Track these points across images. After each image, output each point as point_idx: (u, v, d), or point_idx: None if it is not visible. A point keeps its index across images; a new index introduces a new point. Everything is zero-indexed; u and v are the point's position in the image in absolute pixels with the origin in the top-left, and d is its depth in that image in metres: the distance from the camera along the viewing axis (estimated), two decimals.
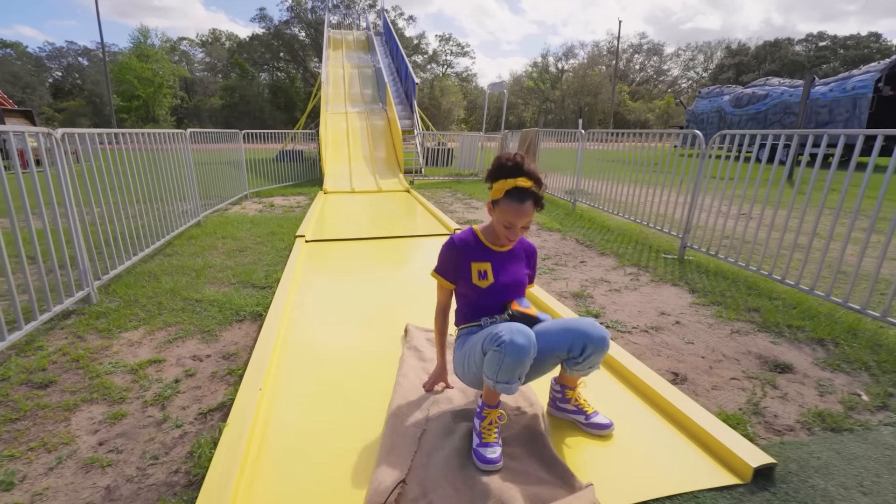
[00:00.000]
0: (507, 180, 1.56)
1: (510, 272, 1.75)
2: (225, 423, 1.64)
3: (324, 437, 1.62)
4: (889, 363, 2.18)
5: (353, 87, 14.46)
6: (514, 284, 1.74)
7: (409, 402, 1.78)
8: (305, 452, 1.54)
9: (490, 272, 1.71)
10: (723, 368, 2.16)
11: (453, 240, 1.75)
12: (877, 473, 1.46)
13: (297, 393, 1.91)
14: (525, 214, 1.57)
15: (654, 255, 4.10)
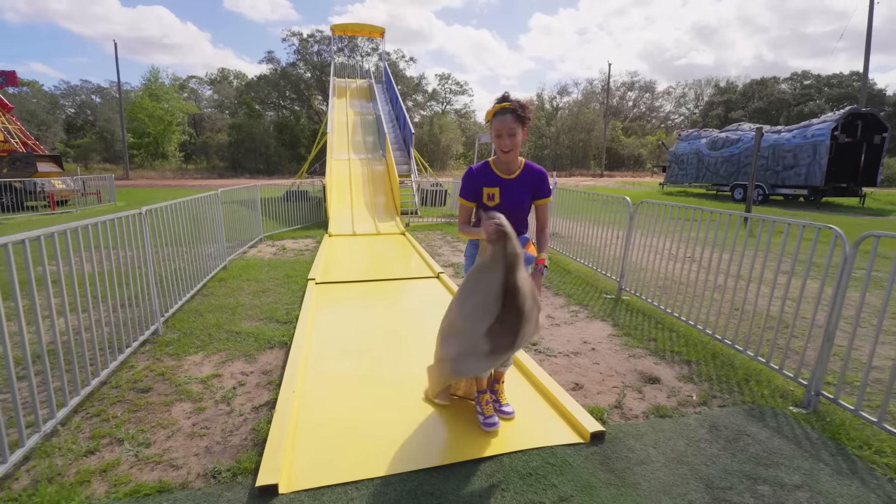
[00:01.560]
0: (495, 106, 2.13)
1: (514, 197, 2.22)
2: (273, 411, 2.60)
3: (337, 418, 2.57)
4: (727, 377, 3.13)
5: (356, 134, 15.78)
6: (517, 206, 2.22)
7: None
8: (326, 426, 2.49)
9: (497, 195, 2.22)
10: (611, 380, 3.11)
11: (471, 169, 2.28)
12: (669, 437, 2.41)
13: (318, 393, 2.86)
14: (506, 123, 2.08)
15: (598, 295, 5.08)
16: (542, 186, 2.28)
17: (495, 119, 2.10)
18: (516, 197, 2.22)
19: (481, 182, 2.23)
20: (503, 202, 2.20)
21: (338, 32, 22.46)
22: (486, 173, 2.24)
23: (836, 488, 2.05)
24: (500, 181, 2.22)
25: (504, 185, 2.22)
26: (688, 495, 2.00)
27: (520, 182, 2.23)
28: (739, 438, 2.42)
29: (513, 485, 2.04)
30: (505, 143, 2.10)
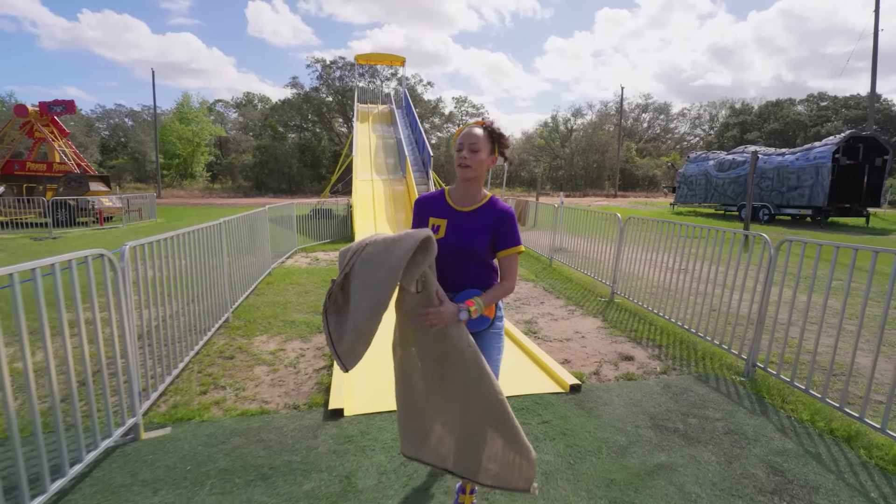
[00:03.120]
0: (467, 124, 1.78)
1: (463, 234, 1.73)
2: (332, 368, 3.45)
3: (375, 372, 3.40)
4: (688, 356, 3.87)
5: (378, 156, 16.91)
6: (464, 248, 1.72)
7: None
8: (367, 376, 3.32)
9: (443, 228, 1.75)
10: (594, 358, 3.88)
11: (420, 196, 1.88)
12: (631, 392, 3.18)
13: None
14: (470, 133, 1.70)
15: (594, 298, 5.85)
16: (506, 230, 1.74)
17: (461, 135, 1.73)
18: (467, 234, 1.73)
19: (429, 211, 1.81)
20: (448, 237, 1.72)
21: (361, 62, 23.92)
22: (437, 202, 1.82)
23: (746, 420, 2.80)
24: (450, 212, 1.77)
25: (454, 217, 1.76)
26: (636, 422, 2.77)
27: (476, 218, 1.75)
28: (684, 393, 3.18)
29: (515, 410, 2.84)
30: (464, 156, 1.69)
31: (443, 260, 1.70)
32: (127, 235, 12.56)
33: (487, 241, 1.74)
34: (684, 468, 2.34)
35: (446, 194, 1.82)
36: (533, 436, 2.61)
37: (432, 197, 1.85)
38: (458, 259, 1.74)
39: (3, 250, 9.68)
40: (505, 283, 1.78)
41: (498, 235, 1.75)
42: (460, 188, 1.79)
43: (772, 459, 2.42)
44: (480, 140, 1.70)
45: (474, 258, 1.75)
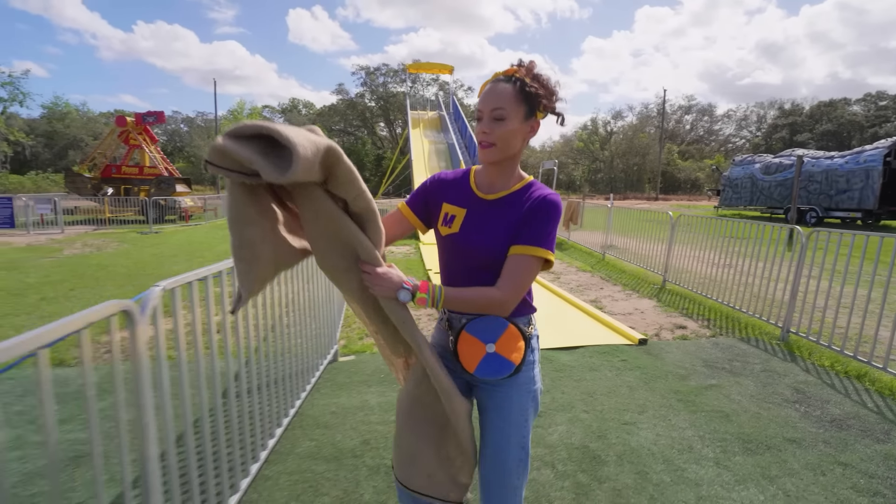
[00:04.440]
0: (494, 75, 1.20)
1: (487, 230, 1.23)
2: None
3: None
4: (733, 326, 4.74)
5: (432, 160, 18.12)
6: (486, 246, 1.22)
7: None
8: None
9: (459, 220, 1.26)
10: (653, 327, 4.80)
11: (439, 173, 1.38)
12: (686, 346, 4.10)
13: None
14: (494, 96, 1.15)
15: (648, 285, 6.73)
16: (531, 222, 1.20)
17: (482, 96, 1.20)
18: (490, 230, 1.23)
19: (446, 194, 1.32)
20: (463, 234, 1.26)
21: (412, 71, 25.29)
22: (459, 184, 1.32)
23: (779, 365, 3.69)
24: (471, 199, 1.28)
25: (476, 207, 1.27)
26: (692, 363, 3.71)
27: (502, 210, 1.24)
28: (730, 348, 4.08)
29: (594, 356, 3.83)
30: (483, 128, 1.18)
31: (459, 264, 1.28)
32: (213, 231, 14.23)
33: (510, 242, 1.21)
34: (729, 387, 3.27)
35: (471, 176, 1.32)
36: (616, 368, 3.59)
37: (455, 177, 1.34)
38: (469, 266, 1.25)
39: (125, 242, 11.39)
40: (494, 289, 1.18)
41: (521, 225, 1.20)
42: (486, 170, 1.26)
43: (796, 385, 3.32)
44: (509, 101, 1.14)
45: (491, 267, 1.22)
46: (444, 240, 1.31)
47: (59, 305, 5.32)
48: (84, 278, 6.89)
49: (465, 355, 1.22)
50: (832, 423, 2.79)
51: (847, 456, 2.44)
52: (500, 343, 1.21)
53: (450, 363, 1.29)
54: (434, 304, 1.15)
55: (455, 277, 1.30)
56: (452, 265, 1.31)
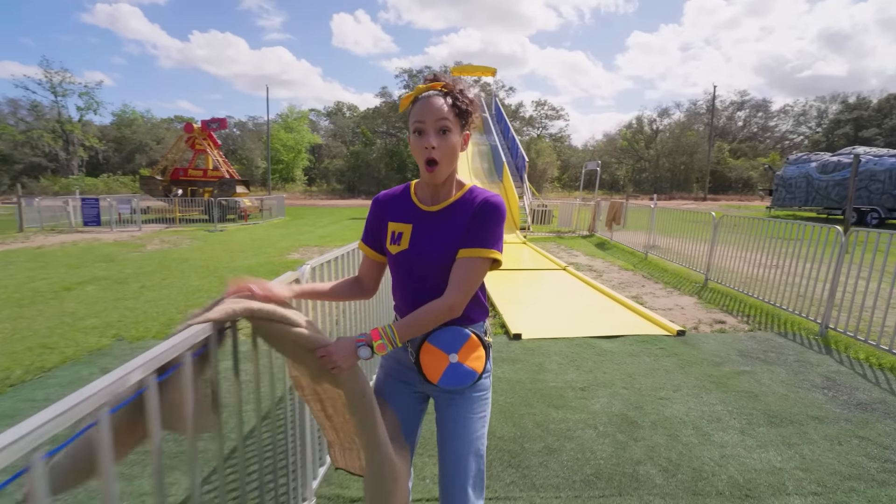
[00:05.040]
0: (418, 87, 1.21)
1: (435, 240, 1.24)
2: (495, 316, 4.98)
3: (531, 314, 4.87)
4: (772, 321, 4.93)
5: (475, 162, 18.56)
6: (437, 256, 1.23)
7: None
8: (528, 316, 4.81)
9: (406, 236, 1.27)
10: (693, 321, 5.06)
11: (378, 195, 1.38)
12: (724, 338, 4.37)
13: (522, 323, 5.20)
14: (434, 109, 1.15)
15: (690, 283, 6.92)
16: (477, 224, 1.23)
17: (415, 105, 1.20)
18: (436, 241, 1.25)
19: (390, 214, 1.34)
20: (413, 248, 1.27)
21: (456, 73, 25.73)
22: (401, 201, 1.34)
23: (813, 356, 3.91)
24: (415, 214, 1.30)
25: (420, 221, 1.28)
26: (727, 352, 3.99)
27: (448, 217, 1.26)
28: (767, 341, 4.32)
29: (634, 344, 4.17)
30: (429, 142, 1.17)
31: (411, 279, 1.29)
32: (271, 230, 15.25)
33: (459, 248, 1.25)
34: (761, 374, 3.55)
35: (412, 191, 1.34)
36: (654, 354, 3.93)
37: (394, 195, 1.36)
38: (427, 280, 1.26)
39: (196, 239, 12.51)
40: (438, 301, 1.20)
41: (468, 228, 1.23)
42: (426, 179, 1.26)
43: (827, 374, 3.55)
44: (449, 113, 1.18)
45: (445, 277, 1.24)
46: (396, 258, 1.30)
47: (157, 292, 6.15)
48: (171, 269, 7.81)
49: (428, 366, 1.25)
50: (857, 405, 3.05)
51: (866, 431, 2.71)
52: (461, 353, 1.26)
53: (407, 376, 1.37)
54: (393, 345, 1.16)
55: (410, 295, 1.29)
56: (406, 283, 1.30)
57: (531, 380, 3.41)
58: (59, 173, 46.34)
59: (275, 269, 7.84)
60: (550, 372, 3.57)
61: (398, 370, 1.39)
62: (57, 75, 45.93)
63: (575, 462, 2.40)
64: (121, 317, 4.99)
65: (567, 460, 2.41)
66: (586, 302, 5.79)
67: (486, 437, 1.36)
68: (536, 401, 3.07)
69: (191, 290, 6.22)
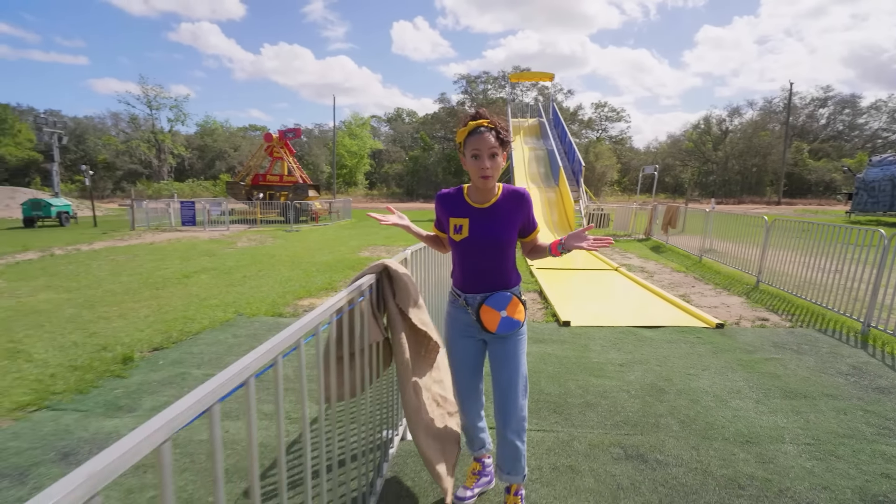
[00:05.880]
0: (469, 124, 1.73)
1: (489, 230, 1.79)
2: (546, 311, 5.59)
3: (578, 304, 5.43)
4: (816, 320, 5.17)
5: (531, 167, 19.04)
6: (493, 243, 1.79)
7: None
8: (578, 306, 5.38)
9: (466, 227, 1.80)
10: (735, 317, 5.39)
11: (439, 193, 1.92)
12: (763, 332, 4.72)
13: (574, 314, 5.78)
14: (487, 142, 1.69)
15: (740, 285, 7.13)
16: (528, 214, 1.86)
17: (472, 137, 1.72)
18: (490, 229, 1.80)
19: (449, 210, 1.86)
20: (473, 236, 1.81)
21: (513, 80, 26.35)
22: (457, 201, 1.87)
23: (847, 350, 4.21)
24: (470, 211, 1.83)
25: (475, 215, 1.82)
26: (761, 343, 4.37)
27: (496, 212, 1.82)
28: (805, 336, 4.62)
29: (673, 333, 4.63)
30: (485, 165, 1.71)
31: (470, 259, 1.83)
32: (340, 231, 16.56)
33: (516, 227, 1.84)
34: (789, 361, 3.93)
35: (464, 193, 1.87)
36: (690, 342, 4.40)
37: (452, 195, 1.89)
38: (486, 256, 1.81)
39: (277, 238, 13.96)
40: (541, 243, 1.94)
41: (527, 220, 1.86)
42: (480, 186, 1.80)
43: (856, 364, 3.87)
44: (496, 144, 1.72)
45: (504, 252, 1.83)
46: (459, 244, 1.84)
47: (257, 281, 7.29)
48: (262, 263, 9.04)
49: (487, 321, 1.84)
50: (876, 389, 3.40)
51: (875, 407, 3.10)
52: (508, 309, 1.84)
53: (469, 331, 1.93)
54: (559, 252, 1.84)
55: (469, 269, 1.86)
56: (467, 261, 1.85)
57: (577, 356, 4.02)
58: (152, 179, 51.54)
59: (350, 263, 8.86)
60: (594, 351, 4.15)
61: (463, 328, 1.94)
62: (152, 90, 51.24)
63: (607, 413, 3.01)
64: (235, 298, 6.09)
65: (601, 411, 3.03)
66: (633, 298, 6.24)
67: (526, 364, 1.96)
68: (580, 371, 3.69)
69: (283, 280, 7.31)
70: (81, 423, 2.85)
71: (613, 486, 2.26)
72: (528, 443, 2.59)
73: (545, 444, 2.64)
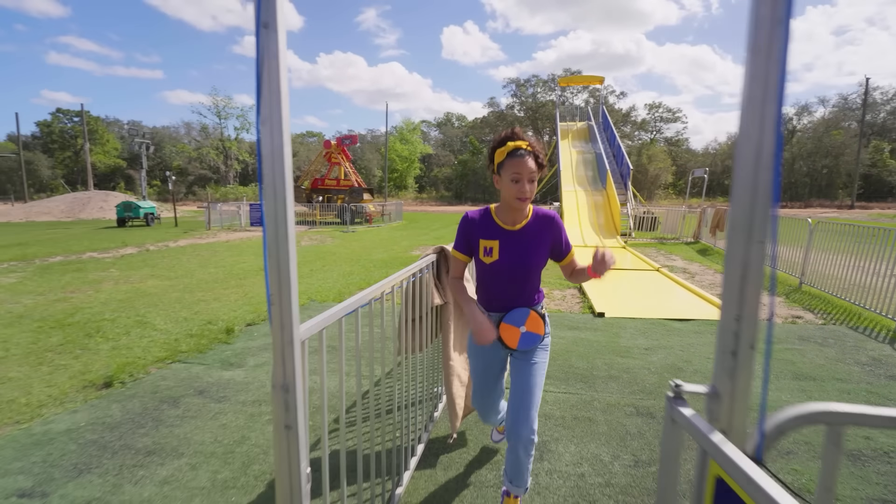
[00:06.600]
0: (507, 144, 1.68)
1: (519, 253, 1.76)
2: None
3: (614, 295, 5.86)
4: (851, 319, 5.33)
5: (579, 170, 19.23)
6: (520, 265, 1.76)
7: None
8: (615, 294, 5.81)
9: (496, 250, 1.77)
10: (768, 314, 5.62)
11: (467, 215, 1.84)
12: (790, 327, 4.98)
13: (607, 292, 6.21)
14: (528, 167, 1.66)
15: (782, 286, 7.24)
16: (559, 237, 1.82)
17: (511, 159, 1.67)
18: (521, 253, 1.78)
19: (479, 233, 1.82)
20: (503, 259, 1.78)
21: (563, 84, 26.52)
22: (486, 222, 1.82)
23: (872, 345, 4.41)
24: (500, 232, 1.79)
25: (506, 237, 1.79)
26: (787, 337, 4.64)
27: (526, 234, 1.79)
28: (833, 332, 4.84)
29: (701, 326, 4.99)
30: (525, 189, 1.68)
31: (498, 280, 1.81)
32: (392, 232, 17.51)
33: (546, 252, 1.81)
34: (810, 351, 4.22)
35: (493, 214, 1.82)
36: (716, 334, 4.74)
37: (479, 216, 1.83)
38: (515, 279, 1.79)
39: (335, 238, 15.07)
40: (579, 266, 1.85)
41: (554, 244, 1.82)
42: (514, 207, 1.74)
43: (877, 356, 4.11)
44: (535, 168, 1.69)
45: (532, 275, 1.81)
46: (488, 267, 1.81)
47: (323, 274, 8.19)
48: (325, 259, 10.01)
49: (508, 338, 1.84)
50: (888, 377, 3.67)
51: (879, 390, 3.40)
52: (528, 324, 1.83)
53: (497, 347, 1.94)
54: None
55: (497, 288, 1.83)
56: (495, 281, 1.83)
57: (607, 341, 4.50)
58: (219, 183, 55.49)
59: (403, 261, 9.64)
60: (623, 338, 4.62)
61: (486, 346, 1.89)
62: (221, 101, 55.25)
63: (627, 384, 3.51)
64: (306, 288, 6.98)
65: (622, 382, 3.53)
66: (668, 294, 6.57)
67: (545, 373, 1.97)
68: (608, 353, 4.18)
69: (345, 274, 8.18)
70: (206, 372, 3.70)
71: (622, 432, 2.79)
72: (555, 402, 3.17)
73: (570, 402, 3.19)
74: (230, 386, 3.44)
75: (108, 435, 2.74)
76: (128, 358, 3.94)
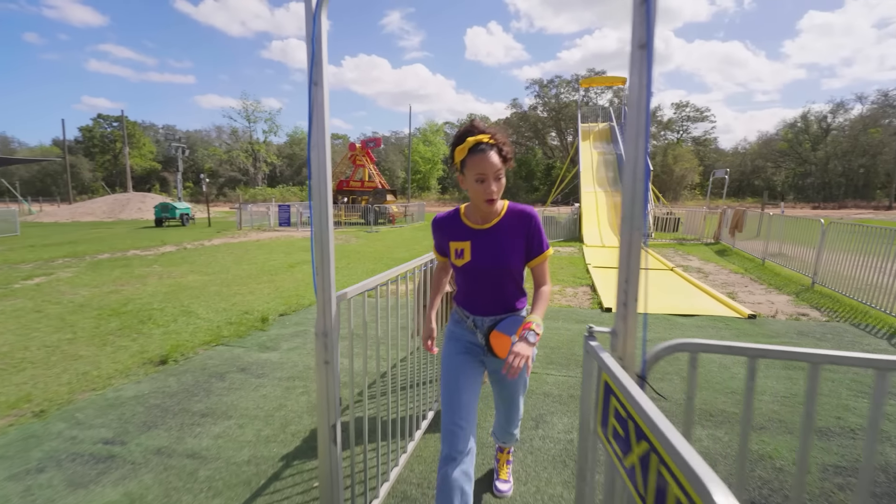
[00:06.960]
0: (467, 140, 1.55)
1: (493, 253, 1.65)
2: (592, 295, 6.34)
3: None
4: (857, 317, 5.47)
5: (599, 171, 19.33)
6: (496, 266, 1.66)
7: None
8: None
9: (468, 251, 1.67)
10: (774, 311, 5.81)
11: (435, 218, 1.77)
12: (793, 323, 5.17)
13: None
14: (492, 162, 1.53)
15: (793, 285, 7.35)
16: (533, 234, 1.67)
17: (473, 156, 1.54)
18: (494, 253, 1.65)
19: (448, 235, 1.73)
20: (475, 260, 1.67)
21: (585, 85, 26.54)
22: (454, 224, 1.73)
23: (871, 340, 4.59)
24: (470, 233, 1.69)
25: (476, 237, 1.68)
26: (788, 331, 4.85)
27: (498, 232, 1.66)
28: (835, 328, 5.02)
29: (706, 321, 5.23)
30: (490, 188, 1.56)
31: (475, 282, 1.70)
32: (415, 232, 17.98)
33: (521, 250, 1.67)
34: (806, 345, 4.43)
35: (461, 215, 1.73)
36: (718, 328, 4.99)
37: (448, 217, 1.76)
38: (491, 281, 1.69)
39: (360, 238, 15.63)
40: (545, 287, 1.68)
41: (528, 242, 1.67)
42: (482, 208, 1.64)
43: (871, 350, 4.30)
44: (500, 164, 1.57)
45: (510, 276, 1.69)
46: (462, 269, 1.71)
47: (348, 271, 8.69)
48: (351, 258, 10.52)
49: (498, 347, 1.69)
50: None
51: (864, 379, 3.62)
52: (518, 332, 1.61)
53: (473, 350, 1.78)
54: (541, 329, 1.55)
55: (475, 291, 1.74)
56: (471, 285, 1.73)
57: None
58: (248, 185, 57.26)
59: None
60: None
61: (466, 345, 1.80)
62: (251, 105, 57.05)
63: None
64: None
65: None
66: (678, 292, 6.79)
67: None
68: None
69: (369, 271, 8.65)
70: (246, 354, 4.19)
71: None
72: (555, 383, 3.53)
73: (568, 383, 3.54)
74: (267, 365, 3.92)
75: (168, 401, 3.23)
76: (178, 341, 4.47)
